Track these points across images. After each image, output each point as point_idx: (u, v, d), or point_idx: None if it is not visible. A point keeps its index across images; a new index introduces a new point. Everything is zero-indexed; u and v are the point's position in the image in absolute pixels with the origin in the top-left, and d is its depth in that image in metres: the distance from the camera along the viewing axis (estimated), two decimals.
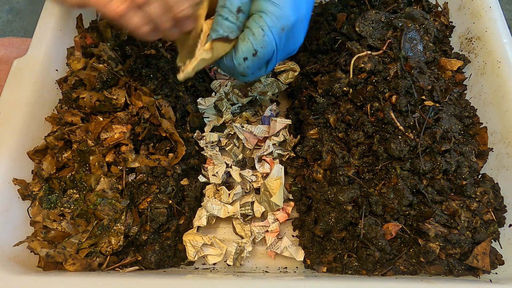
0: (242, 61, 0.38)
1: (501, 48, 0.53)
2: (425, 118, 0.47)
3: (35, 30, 0.55)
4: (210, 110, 0.61)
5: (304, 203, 0.52)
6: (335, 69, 0.54)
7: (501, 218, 0.46)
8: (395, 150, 0.46)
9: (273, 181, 0.53)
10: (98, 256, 0.45)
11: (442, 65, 0.54)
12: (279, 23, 0.36)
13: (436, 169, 0.45)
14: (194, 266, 0.51)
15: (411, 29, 0.53)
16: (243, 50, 0.37)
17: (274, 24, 0.36)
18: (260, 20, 0.36)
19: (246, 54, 0.37)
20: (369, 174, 0.48)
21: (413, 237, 0.44)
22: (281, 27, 0.36)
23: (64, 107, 0.53)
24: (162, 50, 0.57)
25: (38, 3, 0.63)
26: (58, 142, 0.50)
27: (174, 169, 0.51)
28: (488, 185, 0.47)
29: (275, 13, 0.35)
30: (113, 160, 0.49)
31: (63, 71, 0.56)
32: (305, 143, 0.53)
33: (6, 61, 0.69)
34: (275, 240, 0.52)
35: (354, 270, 0.45)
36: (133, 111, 0.52)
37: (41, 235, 0.46)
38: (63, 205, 0.47)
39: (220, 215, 0.52)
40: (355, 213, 0.46)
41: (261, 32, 0.36)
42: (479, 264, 0.43)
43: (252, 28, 0.36)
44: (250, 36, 0.36)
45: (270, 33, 0.36)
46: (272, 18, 0.36)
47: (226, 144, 0.60)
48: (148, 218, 0.48)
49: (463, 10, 0.60)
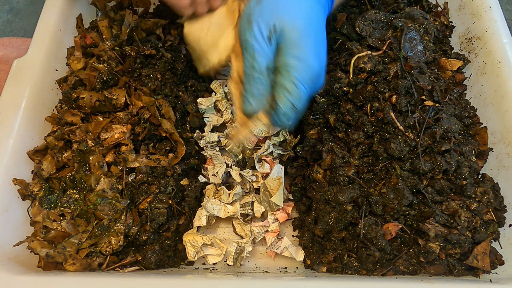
0: (283, 117, 0.39)
1: (501, 48, 0.53)
2: (425, 118, 0.47)
3: (35, 30, 0.55)
4: (210, 110, 0.61)
5: (304, 203, 0.52)
6: (335, 69, 0.54)
7: (501, 218, 0.46)
8: (395, 150, 0.46)
9: (273, 181, 0.53)
10: (98, 256, 0.45)
11: (442, 65, 0.54)
12: (307, 74, 0.38)
13: (436, 169, 0.45)
14: (194, 266, 0.51)
15: (411, 29, 0.53)
16: (282, 107, 0.38)
17: (302, 76, 0.37)
18: (290, 75, 0.37)
19: (285, 110, 0.39)
20: (369, 174, 0.48)
21: (413, 237, 0.44)
22: (309, 77, 0.38)
23: (64, 107, 0.53)
24: (162, 50, 0.57)
25: (38, 3, 0.63)
26: (58, 142, 0.50)
27: (174, 169, 0.51)
28: (488, 185, 0.47)
29: (302, 67, 0.37)
30: (113, 160, 0.49)
31: (63, 71, 0.56)
32: (305, 143, 0.53)
33: (6, 61, 0.69)
34: (275, 240, 0.52)
35: (354, 270, 0.45)
36: (133, 111, 0.52)
37: (41, 235, 0.46)
38: (63, 205, 0.47)
39: (220, 215, 0.52)
40: (355, 213, 0.46)
41: (294, 88, 0.37)
42: (479, 264, 0.43)
43: (285, 84, 0.38)
44: (285, 93, 0.38)
45: (302, 86, 0.38)
46: (300, 72, 0.37)
47: (226, 144, 0.60)
48: (148, 218, 0.48)
49: (463, 10, 0.60)
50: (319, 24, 0.41)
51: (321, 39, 0.41)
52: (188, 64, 0.60)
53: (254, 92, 0.39)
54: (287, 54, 0.38)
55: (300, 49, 0.38)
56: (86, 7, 0.61)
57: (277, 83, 0.39)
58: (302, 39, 0.38)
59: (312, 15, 0.40)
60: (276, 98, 0.39)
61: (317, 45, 0.39)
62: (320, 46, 0.40)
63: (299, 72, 0.37)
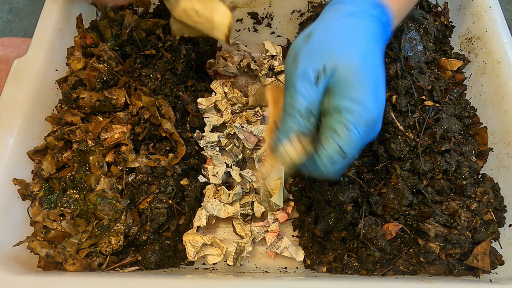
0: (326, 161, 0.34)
1: (501, 48, 0.53)
2: (425, 118, 0.46)
3: (35, 30, 0.55)
4: (210, 110, 0.61)
5: (304, 203, 0.52)
6: None
7: (501, 218, 0.46)
8: (395, 150, 0.46)
9: (273, 181, 0.53)
10: (98, 256, 0.45)
11: (442, 65, 0.54)
12: (363, 119, 0.33)
13: (436, 169, 0.45)
14: (194, 266, 0.51)
15: (411, 29, 0.53)
16: (327, 150, 0.33)
17: (358, 121, 0.32)
18: (341, 118, 0.33)
19: (330, 153, 0.33)
20: (369, 174, 0.48)
21: (413, 237, 0.44)
22: (365, 122, 0.33)
23: (64, 107, 0.53)
24: (162, 50, 0.57)
25: (38, 3, 0.63)
26: (58, 142, 0.50)
27: (174, 169, 0.51)
28: (488, 185, 0.47)
29: (358, 111, 0.32)
30: (113, 160, 0.49)
31: (63, 71, 0.56)
32: None
33: (6, 61, 0.69)
34: (275, 240, 0.52)
35: (354, 270, 0.45)
36: (133, 111, 0.52)
37: (41, 235, 0.46)
38: (63, 205, 0.47)
39: (220, 215, 0.52)
40: (355, 213, 0.46)
41: (346, 132, 0.32)
42: (479, 264, 0.43)
43: (334, 126, 0.33)
44: (333, 136, 0.33)
45: (356, 131, 0.32)
46: (356, 116, 0.32)
47: (226, 144, 0.60)
48: (148, 218, 0.48)
49: (463, 10, 0.60)
50: (376, 60, 0.36)
51: (380, 78, 0.36)
52: (188, 64, 0.60)
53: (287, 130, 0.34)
54: (340, 95, 0.33)
55: (356, 90, 0.33)
56: (86, 7, 0.61)
57: (325, 125, 0.34)
58: (358, 78, 0.33)
59: (369, 50, 0.35)
60: (321, 140, 0.34)
61: (375, 85, 0.34)
62: (378, 86, 0.35)
63: (353, 115, 0.32)
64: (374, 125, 0.34)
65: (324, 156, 0.33)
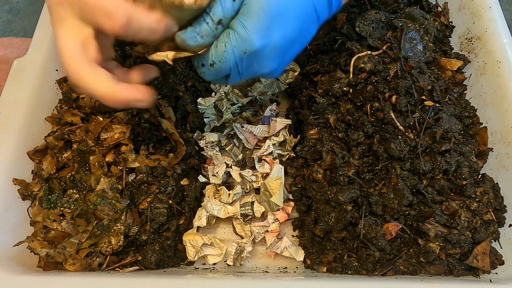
0: (199, 64, 0.39)
1: (501, 48, 0.53)
2: (425, 118, 0.47)
3: (35, 30, 0.55)
4: (210, 110, 0.61)
5: (304, 203, 0.52)
6: (335, 69, 0.54)
7: (501, 218, 0.46)
8: (395, 150, 0.46)
9: (273, 181, 0.53)
10: (98, 256, 0.45)
11: (442, 65, 0.54)
12: (242, 45, 0.37)
13: (436, 169, 0.45)
14: (194, 266, 0.51)
15: (411, 29, 0.52)
16: (203, 57, 0.39)
17: (237, 44, 0.37)
18: (228, 37, 0.37)
19: (203, 61, 0.39)
20: (369, 174, 0.48)
21: (413, 237, 0.44)
22: (243, 49, 0.37)
23: (64, 107, 0.53)
24: None
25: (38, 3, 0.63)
26: (58, 142, 0.50)
27: (174, 169, 0.51)
28: (488, 185, 0.47)
29: (241, 35, 0.37)
30: (113, 160, 0.49)
31: (63, 71, 0.56)
32: (305, 143, 0.53)
33: (6, 61, 0.69)
34: (275, 240, 0.52)
35: (354, 270, 0.45)
36: (133, 111, 0.52)
37: (41, 235, 0.46)
38: (63, 205, 0.47)
39: (220, 215, 0.52)
40: (355, 213, 0.46)
41: (223, 48, 0.37)
42: (479, 264, 0.43)
43: (218, 41, 0.38)
44: (213, 48, 0.38)
45: (231, 52, 0.37)
46: (238, 39, 0.37)
47: (226, 144, 0.60)
48: (148, 218, 0.48)
49: (463, 10, 0.60)
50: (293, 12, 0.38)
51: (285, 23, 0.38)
52: (188, 64, 0.60)
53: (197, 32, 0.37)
54: (239, 17, 0.37)
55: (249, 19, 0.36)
56: None
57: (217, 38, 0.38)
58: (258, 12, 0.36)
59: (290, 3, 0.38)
60: None
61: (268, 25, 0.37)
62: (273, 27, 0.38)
63: (237, 39, 0.37)
64: (256, 57, 0.39)
65: (199, 57, 0.39)
